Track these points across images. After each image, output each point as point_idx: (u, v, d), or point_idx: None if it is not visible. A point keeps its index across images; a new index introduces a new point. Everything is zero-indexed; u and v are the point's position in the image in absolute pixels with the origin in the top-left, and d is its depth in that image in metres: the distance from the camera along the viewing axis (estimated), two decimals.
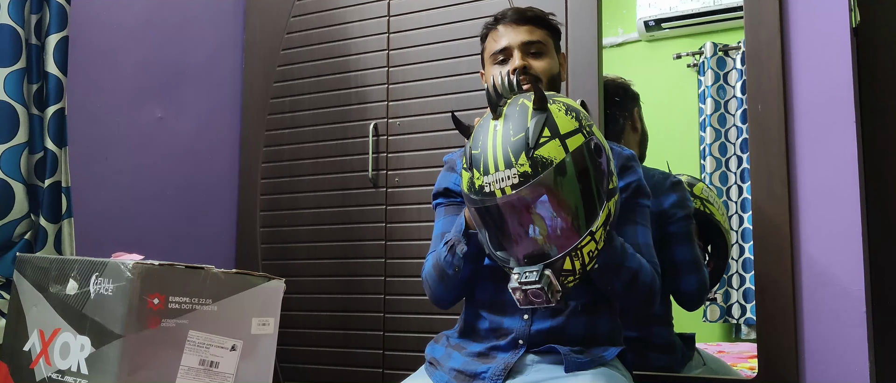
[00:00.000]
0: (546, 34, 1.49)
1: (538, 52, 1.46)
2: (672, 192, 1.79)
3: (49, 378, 1.07)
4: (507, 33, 1.48)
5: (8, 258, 1.58)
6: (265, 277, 1.14)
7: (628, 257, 1.30)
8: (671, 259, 1.73)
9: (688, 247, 1.75)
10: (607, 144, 1.24)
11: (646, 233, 1.40)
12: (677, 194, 1.79)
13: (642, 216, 1.41)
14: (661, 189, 1.78)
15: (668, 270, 1.69)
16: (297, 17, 2.31)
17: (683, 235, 1.76)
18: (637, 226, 1.40)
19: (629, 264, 1.30)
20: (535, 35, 1.47)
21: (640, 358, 1.72)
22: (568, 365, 1.33)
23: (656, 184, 1.76)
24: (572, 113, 1.17)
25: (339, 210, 2.18)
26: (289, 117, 2.29)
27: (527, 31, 1.46)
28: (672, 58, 2.10)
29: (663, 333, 1.81)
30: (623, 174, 1.41)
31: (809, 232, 1.63)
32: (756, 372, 1.64)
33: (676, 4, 2.08)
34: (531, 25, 1.47)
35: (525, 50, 1.46)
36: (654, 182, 1.75)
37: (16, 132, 1.59)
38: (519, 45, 1.46)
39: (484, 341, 1.40)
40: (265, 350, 1.13)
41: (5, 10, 1.60)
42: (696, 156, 2.00)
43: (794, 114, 1.66)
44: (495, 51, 1.48)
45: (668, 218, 1.76)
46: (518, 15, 1.48)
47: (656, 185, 1.75)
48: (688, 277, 1.75)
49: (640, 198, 1.42)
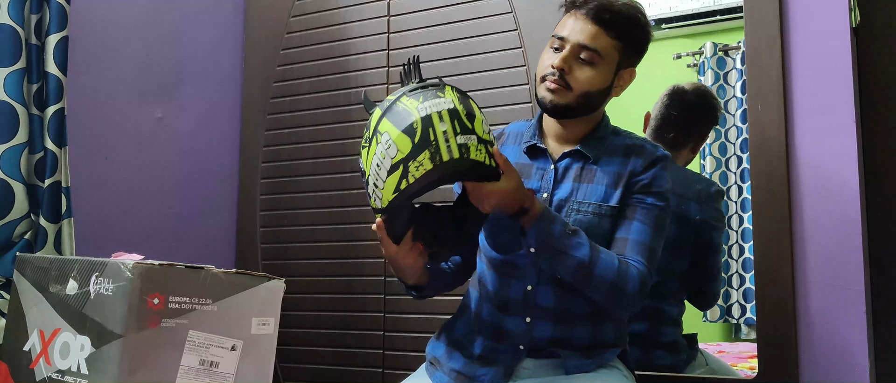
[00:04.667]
0: (614, 45, 1.34)
1: (590, 60, 1.33)
2: (715, 202, 1.89)
3: (49, 378, 1.07)
4: (575, 25, 1.35)
5: (8, 258, 1.58)
6: (265, 277, 1.14)
7: (572, 246, 1.26)
8: (705, 267, 1.84)
9: (717, 259, 1.86)
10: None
11: (643, 231, 1.33)
12: (717, 205, 1.89)
13: (644, 214, 1.34)
14: (704, 197, 1.87)
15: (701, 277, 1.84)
16: (297, 17, 2.31)
17: (718, 246, 1.86)
18: (633, 222, 1.34)
19: (574, 253, 1.25)
20: (599, 42, 1.33)
21: (646, 356, 1.72)
22: (568, 368, 1.33)
23: (700, 190, 1.85)
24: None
25: (339, 210, 2.18)
26: (289, 117, 2.29)
27: (592, 33, 1.33)
28: (672, 58, 2.09)
29: (671, 332, 1.82)
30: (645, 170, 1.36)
31: (809, 232, 1.63)
32: (756, 372, 1.64)
33: (676, 4, 2.07)
34: (601, 28, 1.33)
35: (577, 51, 1.34)
36: (697, 188, 1.85)
37: (16, 132, 1.59)
38: (574, 44, 1.34)
39: (485, 342, 1.39)
40: (265, 350, 1.13)
41: (5, 10, 1.60)
42: (697, 156, 2.00)
43: (794, 115, 1.66)
44: (555, 35, 1.37)
45: (709, 227, 1.85)
46: (598, 10, 1.33)
47: (700, 192, 1.85)
48: (713, 284, 1.86)
49: (649, 196, 1.35)
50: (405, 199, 1.21)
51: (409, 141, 1.17)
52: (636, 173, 1.36)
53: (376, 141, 1.21)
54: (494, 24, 2.01)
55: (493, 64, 1.99)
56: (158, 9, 2.19)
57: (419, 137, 1.17)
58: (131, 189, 2.09)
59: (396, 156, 1.18)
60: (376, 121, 1.23)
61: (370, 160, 1.22)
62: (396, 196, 1.19)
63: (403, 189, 1.18)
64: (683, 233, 1.77)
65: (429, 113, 1.18)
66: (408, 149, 1.17)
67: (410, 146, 1.17)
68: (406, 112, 1.19)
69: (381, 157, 1.20)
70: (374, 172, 1.21)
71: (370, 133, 1.23)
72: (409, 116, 1.19)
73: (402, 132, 1.18)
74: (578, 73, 1.34)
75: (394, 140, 1.18)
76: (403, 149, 1.17)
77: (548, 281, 1.35)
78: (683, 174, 1.87)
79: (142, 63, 2.14)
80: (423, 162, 1.16)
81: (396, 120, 1.20)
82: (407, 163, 1.17)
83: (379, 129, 1.21)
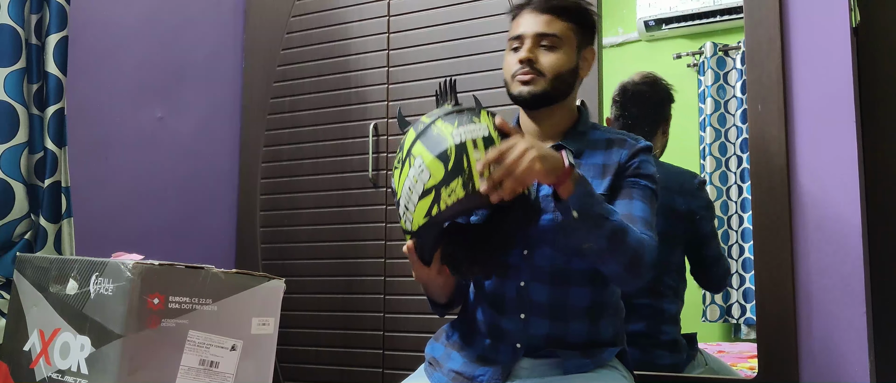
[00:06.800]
0: (568, 27, 1.41)
1: (552, 45, 1.39)
2: (700, 193, 1.92)
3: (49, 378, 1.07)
4: (527, 21, 1.41)
5: (8, 258, 1.58)
6: (265, 277, 1.14)
7: (610, 211, 1.25)
8: (703, 257, 1.87)
9: (715, 243, 1.89)
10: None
11: (643, 208, 1.34)
12: (704, 195, 1.92)
13: (641, 194, 1.36)
14: (689, 188, 1.90)
15: (698, 266, 1.88)
16: (297, 17, 2.31)
17: (712, 233, 1.88)
18: (634, 201, 1.35)
19: (612, 217, 1.24)
20: (554, 27, 1.39)
21: (647, 355, 1.73)
22: (567, 368, 1.33)
23: (684, 183, 1.87)
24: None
25: (339, 210, 2.18)
26: (289, 117, 2.29)
27: (546, 21, 1.39)
28: (672, 58, 2.09)
29: (671, 331, 1.83)
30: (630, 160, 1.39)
31: (809, 232, 1.62)
32: (756, 372, 1.64)
33: (676, 4, 2.07)
34: (552, 15, 1.40)
35: (537, 41, 1.39)
36: (681, 181, 1.87)
37: (16, 132, 1.59)
38: (532, 36, 1.39)
39: (483, 342, 1.39)
40: (265, 350, 1.13)
41: (5, 10, 1.60)
42: (696, 156, 2.00)
43: (794, 115, 1.66)
44: (512, 36, 1.43)
45: (698, 217, 1.88)
46: (543, 2, 1.41)
47: (684, 185, 1.87)
48: (716, 269, 1.89)
49: (641, 178, 1.38)
50: (436, 225, 1.20)
51: (442, 167, 1.16)
52: (624, 163, 1.39)
53: (409, 164, 1.20)
54: (494, 24, 2.01)
55: (493, 64, 1.99)
56: (158, 9, 2.19)
57: (453, 165, 1.15)
58: (131, 189, 2.09)
59: (429, 181, 1.17)
60: (411, 143, 1.22)
61: (402, 182, 1.21)
62: (427, 221, 1.18)
63: (434, 215, 1.17)
64: (675, 227, 1.78)
65: (463, 140, 1.17)
66: (441, 176, 1.16)
67: (443, 172, 1.16)
68: (440, 137, 1.19)
69: (413, 181, 1.19)
70: (405, 195, 1.21)
71: (403, 154, 1.23)
72: (444, 142, 1.18)
73: (435, 157, 1.17)
74: (545, 58, 1.39)
75: (427, 165, 1.17)
76: (436, 176, 1.16)
77: (540, 277, 1.36)
78: (665, 169, 1.88)
79: (142, 63, 2.14)
80: (456, 189, 1.15)
81: (430, 144, 1.19)
82: (439, 190, 1.16)
83: (412, 152, 1.20)
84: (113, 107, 2.05)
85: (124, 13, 2.10)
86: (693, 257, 1.86)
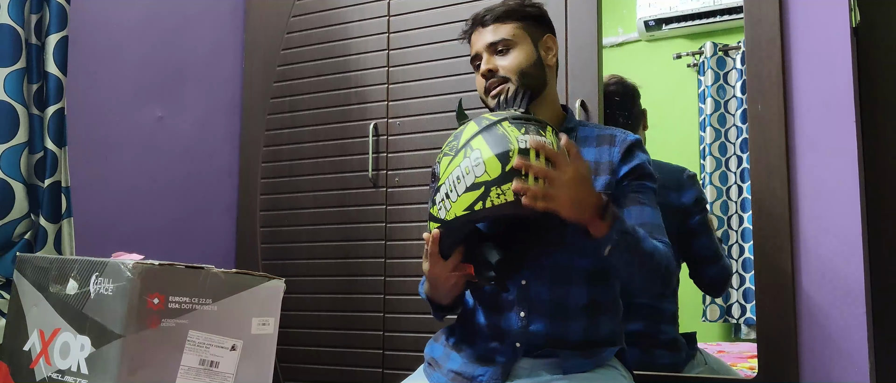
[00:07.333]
0: (516, 26, 1.45)
1: (505, 48, 1.43)
2: (690, 187, 1.89)
3: (49, 378, 1.07)
4: (477, 38, 1.47)
5: (8, 258, 1.58)
6: (265, 277, 1.14)
7: (642, 239, 1.28)
8: (694, 252, 1.84)
9: (707, 239, 1.86)
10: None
11: (654, 214, 1.38)
12: (695, 189, 1.90)
13: (647, 197, 1.39)
14: (678, 183, 1.87)
15: (691, 263, 1.85)
16: (297, 17, 2.31)
17: (703, 228, 1.86)
18: (644, 207, 1.37)
19: (645, 246, 1.27)
20: (501, 32, 1.44)
21: (646, 355, 1.72)
22: (567, 368, 1.33)
23: (673, 177, 1.85)
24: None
25: (339, 210, 2.18)
26: (289, 117, 2.29)
27: (491, 31, 1.45)
28: (672, 58, 2.09)
29: (670, 330, 1.82)
30: (626, 158, 1.40)
31: (809, 232, 1.62)
32: (756, 372, 1.64)
33: (676, 4, 2.08)
34: (495, 24, 1.45)
35: (492, 51, 1.44)
36: (669, 176, 1.83)
37: (16, 132, 1.59)
38: (484, 48, 1.45)
39: (482, 342, 1.40)
40: (265, 350, 1.13)
41: (5, 10, 1.60)
42: (696, 155, 2.00)
43: (794, 115, 1.66)
44: (471, 59, 1.50)
45: (688, 213, 1.85)
46: (482, 17, 1.47)
47: (673, 179, 1.84)
48: (710, 268, 1.86)
49: (644, 180, 1.40)
50: (473, 221, 1.20)
51: (499, 166, 1.16)
52: (617, 161, 1.40)
53: (465, 154, 1.20)
54: None
55: None
56: (159, 9, 2.19)
57: (511, 167, 1.16)
58: (131, 189, 2.09)
59: (482, 176, 1.17)
60: (471, 135, 1.22)
61: (451, 170, 1.21)
62: (466, 214, 1.18)
63: (477, 210, 1.17)
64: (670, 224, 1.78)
65: (527, 146, 1.17)
66: (496, 174, 1.16)
67: (499, 171, 1.16)
68: (505, 137, 1.19)
69: (464, 171, 1.19)
70: (450, 183, 1.20)
71: (460, 144, 1.23)
72: (507, 143, 1.18)
73: (495, 155, 1.17)
74: (503, 62, 1.43)
75: (484, 160, 1.17)
76: (491, 173, 1.16)
77: (541, 276, 1.36)
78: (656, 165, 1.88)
79: (142, 63, 2.14)
80: (506, 192, 1.15)
81: (492, 141, 1.19)
82: (489, 187, 1.16)
83: (472, 145, 1.20)
84: (113, 107, 2.05)
85: (124, 13, 2.10)
86: (686, 253, 1.84)
